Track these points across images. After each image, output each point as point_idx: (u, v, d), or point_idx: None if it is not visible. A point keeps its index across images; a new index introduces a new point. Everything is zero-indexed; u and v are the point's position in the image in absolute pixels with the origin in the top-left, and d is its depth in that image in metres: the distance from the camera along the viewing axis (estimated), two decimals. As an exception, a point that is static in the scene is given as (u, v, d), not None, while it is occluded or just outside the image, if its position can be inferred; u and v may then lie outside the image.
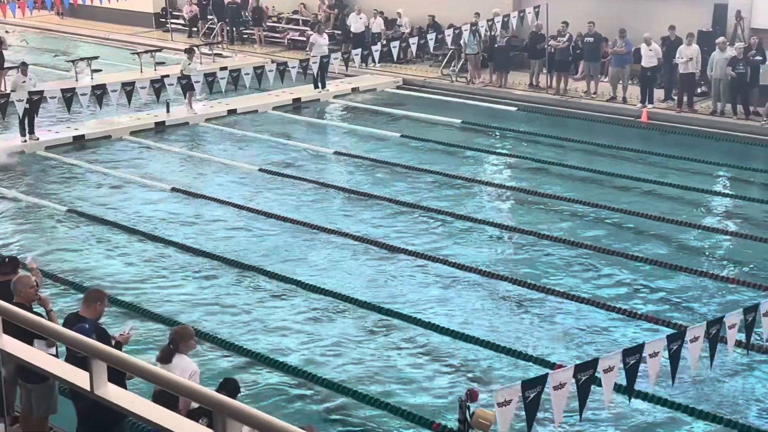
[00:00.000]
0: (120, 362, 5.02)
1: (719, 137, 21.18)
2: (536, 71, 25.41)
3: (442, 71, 27.42)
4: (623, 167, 19.17)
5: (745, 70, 21.59)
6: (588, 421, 9.96)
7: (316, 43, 26.05)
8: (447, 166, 19.36)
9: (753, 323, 9.77)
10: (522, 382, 7.96)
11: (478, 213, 16.67)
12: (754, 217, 16.52)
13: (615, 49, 23.55)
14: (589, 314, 12.73)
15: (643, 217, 16.17)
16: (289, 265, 14.47)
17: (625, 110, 23.27)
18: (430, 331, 12.23)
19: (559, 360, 11.18)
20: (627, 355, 8.67)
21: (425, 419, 10.12)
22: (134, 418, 5.27)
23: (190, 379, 7.66)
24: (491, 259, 14.71)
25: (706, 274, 13.84)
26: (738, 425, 10.00)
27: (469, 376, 11.21)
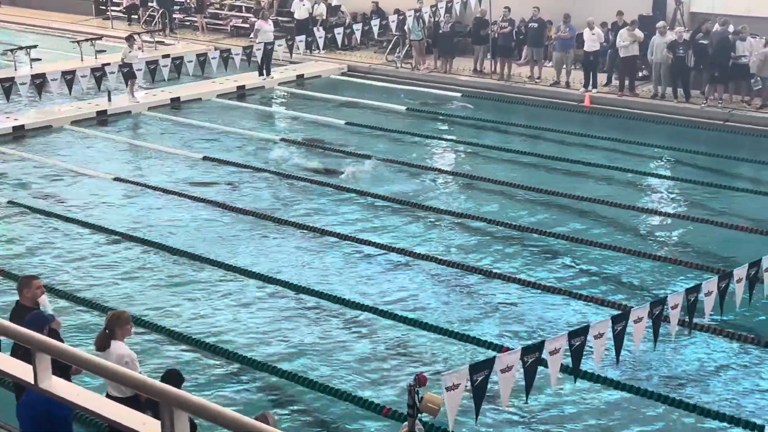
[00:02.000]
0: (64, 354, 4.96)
1: (660, 120, 21.47)
2: (480, 57, 25.50)
3: (387, 57, 27.41)
4: (567, 151, 19.37)
5: (685, 53, 21.90)
6: (535, 402, 10.07)
7: (261, 30, 25.87)
8: (392, 153, 19.38)
9: (695, 303, 9.97)
10: (470, 366, 8.04)
11: (424, 199, 16.71)
12: (695, 198, 16.79)
13: (559, 34, 23.72)
14: (534, 297, 12.86)
15: (587, 201, 16.36)
16: (235, 253, 14.39)
17: (568, 95, 23.49)
18: (377, 317, 12.26)
19: (507, 343, 11.27)
20: (572, 336, 8.80)
21: (376, 405, 10.15)
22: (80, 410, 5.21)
23: (126, 366, 7.59)
24: (438, 244, 14.77)
25: (649, 255, 14.04)
26: (681, 403, 10.17)
27: (417, 361, 11.26)
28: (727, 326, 11.69)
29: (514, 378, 8.33)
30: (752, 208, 16.06)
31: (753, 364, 11.10)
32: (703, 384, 10.74)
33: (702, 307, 10.18)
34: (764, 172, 18.34)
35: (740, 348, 11.40)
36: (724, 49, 21.55)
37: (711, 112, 21.52)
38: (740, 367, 11.05)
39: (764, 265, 10.61)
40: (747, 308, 11.33)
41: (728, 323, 11.72)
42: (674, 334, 10.41)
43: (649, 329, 9.80)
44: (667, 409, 10.15)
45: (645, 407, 10.23)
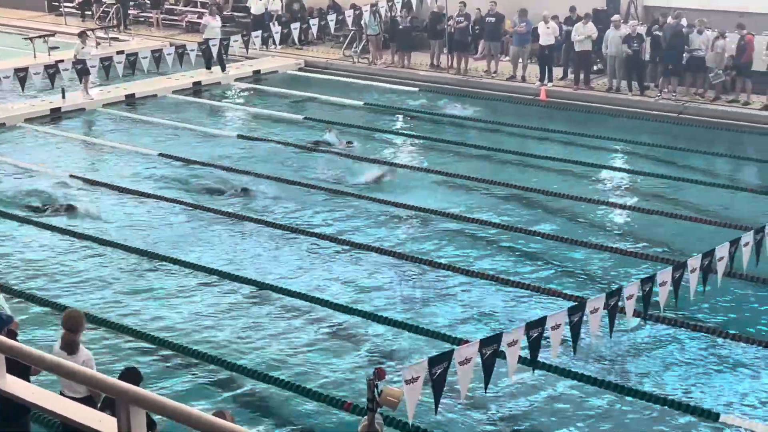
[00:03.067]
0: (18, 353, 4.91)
1: (615, 113, 21.68)
2: (436, 51, 25.57)
3: (344, 52, 27.39)
4: (524, 145, 19.50)
5: (639, 47, 22.12)
6: (493, 393, 10.14)
7: (209, 25, 25.74)
8: (351, 148, 19.36)
9: (650, 293, 10.08)
10: (429, 359, 8.07)
11: (381, 193, 16.72)
12: (650, 190, 16.98)
13: (516, 29, 23.84)
14: (492, 289, 12.93)
15: (544, 193, 16.49)
16: (194, 250, 14.32)
17: (524, 89, 23.62)
18: (336, 312, 12.26)
19: (465, 335, 11.33)
20: (530, 328, 8.86)
21: (337, 399, 10.15)
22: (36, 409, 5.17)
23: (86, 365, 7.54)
24: (395, 238, 14.80)
25: (605, 247, 14.18)
26: (638, 393, 10.29)
27: (376, 354, 11.28)
28: (682, 316, 11.85)
29: (473, 370, 8.37)
30: (706, 200, 16.27)
31: (707, 353, 11.25)
32: (660, 373, 10.87)
33: (657, 297, 10.29)
34: (717, 163, 18.61)
35: (694, 337, 11.55)
36: (678, 42, 21.81)
37: (665, 105, 21.78)
38: (695, 356, 11.20)
39: (717, 255, 10.76)
40: (701, 298, 11.48)
41: (683, 313, 11.89)
42: (630, 325, 10.51)
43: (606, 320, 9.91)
44: (624, 399, 10.26)
45: (602, 397, 10.34)
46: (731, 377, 10.74)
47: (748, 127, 20.44)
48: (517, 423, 10.00)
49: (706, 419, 9.85)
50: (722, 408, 10.06)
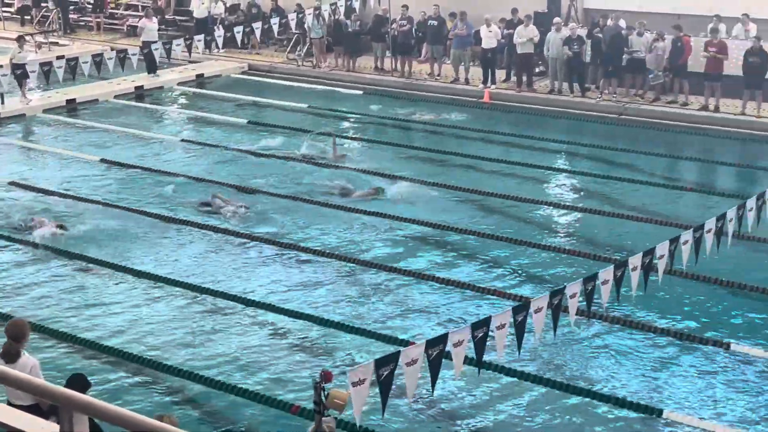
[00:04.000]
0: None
1: (557, 114, 21.92)
2: (380, 55, 25.64)
3: (288, 56, 27.35)
4: (468, 147, 19.62)
5: (580, 49, 22.40)
6: (440, 393, 10.20)
7: (146, 28, 25.54)
8: (295, 151, 19.33)
9: (592, 292, 10.21)
10: (375, 361, 8.08)
11: (327, 197, 16.72)
12: (592, 190, 17.20)
13: (456, 32, 24.00)
14: (437, 291, 13.00)
15: (487, 195, 16.61)
16: (137, 255, 14.18)
17: (468, 91, 23.79)
18: (282, 316, 12.23)
19: (411, 337, 11.37)
20: (475, 328, 8.92)
21: (284, 403, 10.13)
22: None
23: (33, 373, 7.45)
24: (341, 241, 14.81)
25: (548, 246, 14.33)
26: (584, 391, 10.41)
27: (323, 357, 11.28)
28: (625, 313, 12.03)
29: (419, 371, 8.41)
30: (646, 199, 16.53)
31: (649, 351, 11.42)
32: (603, 371, 11.01)
33: (599, 295, 10.43)
34: (657, 163, 18.90)
35: (637, 334, 11.72)
36: (618, 44, 22.13)
37: (606, 106, 22.08)
38: (637, 353, 11.36)
39: (658, 253, 10.93)
40: (642, 296, 11.66)
41: (625, 310, 12.06)
42: (573, 323, 10.63)
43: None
44: (569, 397, 10.37)
45: (546, 395, 10.44)
46: (674, 374, 10.91)
47: (686, 127, 20.79)
48: (463, 422, 10.06)
49: (650, 416, 9.99)
50: (665, 404, 10.22)
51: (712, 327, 11.92)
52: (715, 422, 9.90)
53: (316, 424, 7.97)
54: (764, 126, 20.34)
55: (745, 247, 13.65)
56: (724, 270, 12.97)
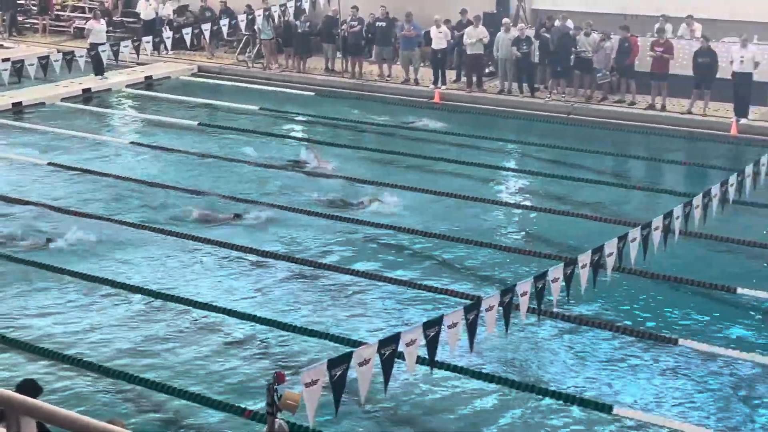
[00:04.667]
0: None
1: (507, 115, 22.07)
2: (331, 56, 25.63)
3: (238, 57, 27.23)
4: (419, 147, 19.68)
5: (529, 49, 22.59)
6: (393, 393, 10.23)
7: (93, 29, 25.29)
8: (245, 153, 19.26)
9: (543, 290, 10.30)
10: (327, 361, 8.08)
11: (277, 199, 16.67)
12: (542, 189, 17.35)
13: (403, 33, 24.07)
14: (388, 291, 13.02)
15: (439, 194, 16.68)
16: (86, 260, 14.02)
17: (419, 92, 23.87)
18: (230, 318, 12.16)
19: (362, 337, 11.38)
20: (427, 327, 8.96)
21: (237, 407, 10.07)
22: None
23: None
24: (290, 242, 14.77)
25: (499, 246, 14.42)
26: (535, 388, 10.50)
27: (275, 359, 11.25)
28: (574, 311, 12.15)
29: (372, 371, 8.42)
30: (595, 197, 16.71)
31: (599, 347, 11.55)
32: (554, 367, 11.12)
33: (550, 293, 10.52)
34: (606, 162, 19.14)
35: (586, 331, 11.85)
36: (566, 44, 22.36)
37: (555, 106, 22.29)
38: (587, 350, 11.49)
39: (606, 251, 11.05)
40: (592, 293, 11.79)
41: (575, 308, 12.19)
42: (524, 321, 10.72)
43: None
44: (521, 394, 10.46)
45: (498, 393, 10.52)
46: (623, 370, 11.05)
47: (634, 126, 21.06)
48: (416, 422, 10.10)
49: (600, 412, 10.10)
50: (615, 400, 10.33)
51: (661, 323, 12.09)
52: (664, 417, 10.04)
53: (269, 425, 7.95)
54: (710, 125, 20.67)
55: (692, 243, 13.86)
56: (671, 267, 13.16)
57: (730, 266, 13.84)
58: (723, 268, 13.72)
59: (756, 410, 10.25)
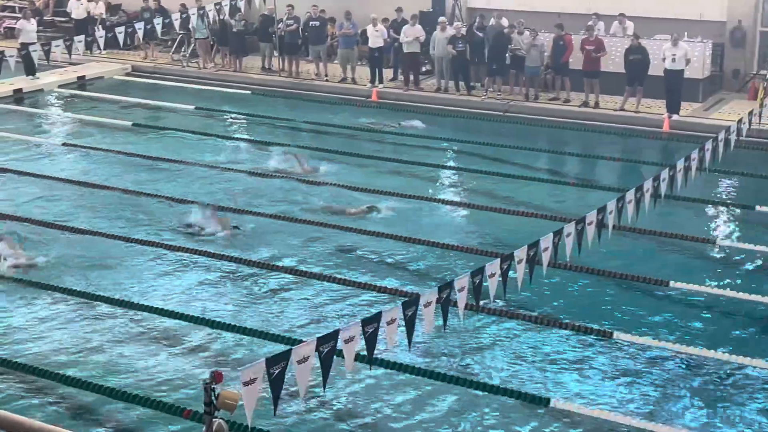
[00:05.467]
0: None
1: (445, 113, 22.18)
2: (267, 54, 25.52)
3: (172, 57, 26.97)
4: (357, 146, 19.69)
5: (465, 47, 22.73)
6: (332, 390, 10.23)
7: (24, 29, 24.86)
8: (182, 153, 19.10)
9: (480, 285, 10.37)
10: (266, 359, 8.04)
11: (213, 199, 16.54)
12: (480, 187, 17.45)
13: (343, 31, 24.06)
14: (325, 288, 13.02)
15: (375, 192, 16.69)
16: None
17: (356, 90, 23.88)
18: (166, 318, 12.06)
19: (301, 335, 11.36)
20: (366, 324, 8.96)
21: (175, 407, 9.98)
22: None
23: None
24: (223, 242, 14.67)
25: (437, 243, 14.46)
26: (473, 383, 10.58)
27: (212, 359, 11.17)
28: (511, 306, 12.26)
29: (311, 368, 8.40)
30: (531, 194, 16.87)
31: (537, 342, 11.68)
32: (493, 362, 11.21)
33: (487, 288, 10.60)
34: (540, 159, 19.35)
35: (524, 326, 11.98)
36: (500, 42, 22.54)
37: (491, 104, 22.46)
38: (525, 345, 11.61)
39: (542, 246, 11.17)
40: (528, 288, 11.91)
41: (511, 303, 12.30)
42: (462, 317, 10.77)
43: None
44: (460, 390, 10.52)
45: (438, 388, 10.57)
46: (560, 364, 11.18)
47: (569, 123, 21.31)
48: (356, 419, 10.11)
49: (537, 405, 10.21)
50: (552, 394, 10.46)
51: (596, 317, 12.25)
52: (600, 409, 10.17)
53: (207, 425, 7.90)
54: (642, 121, 21.01)
55: (625, 238, 14.08)
56: (605, 261, 13.35)
57: (662, 260, 14.09)
58: (656, 261, 13.97)
59: (689, 401, 10.44)
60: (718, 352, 11.22)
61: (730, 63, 22.93)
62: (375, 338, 9.06)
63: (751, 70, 22.75)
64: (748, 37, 22.69)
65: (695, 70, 21.52)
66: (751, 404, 10.35)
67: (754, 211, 15.89)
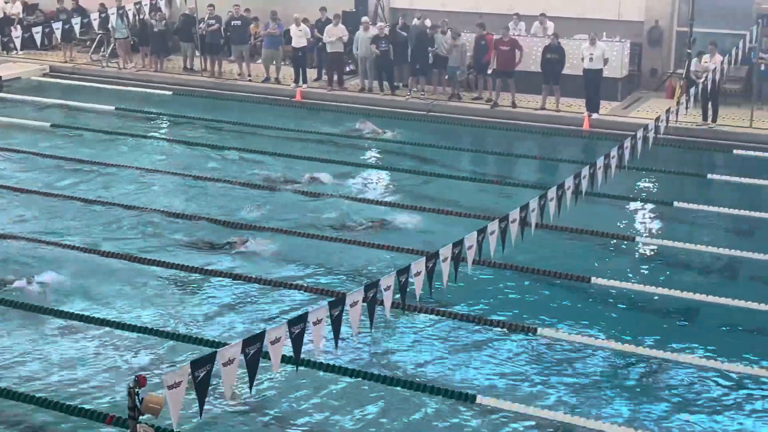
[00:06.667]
0: None
1: (369, 113, 22.19)
2: (189, 54, 25.26)
3: (92, 57, 26.52)
4: (281, 146, 19.61)
5: (388, 47, 22.79)
6: (259, 392, 10.18)
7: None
8: (102, 154, 18.80)
9: (406, 284, 10.40)
10: (191, 362, 7.95)
11: (135, 200, 16.33)
12: (404, 186, 17.48)
13: (268, 31, 23.93)
14: (246, 290, 12.96)
15: (297, 193, 16.65)
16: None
17: (280, 90, 23.78)
18: (86, 324, 11.87)
19: (227, 338, 11.28)
20: (292, 325, 8.92)
21: (99, 413, 9.82)
22: None
23: None
24: (144, 244, 14.49)
25: (364, 243, 14.46)
26: (399, 381, 10.62)
27: (136, 363, 11.02)
28: (437, 304, 12.34)
29: (237, 370, 8.34)
30: (455, 193, 16.98)
31: (462, 338, 11.77)
32: (419, 360, 11.27)
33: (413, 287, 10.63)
34: (463, 158, 19.49)
35: (449, 323, 12.06)
36: (423, 42, 22.66)
37: (415, 104, 22.57)
38: (451, 342, 11.69)
39: (466, 244, 11.25)
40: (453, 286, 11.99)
41: (438, 301, 12.38)
42: (388, 315, 10.81)
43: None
44: (386, 388, 10.56)
45: (365, 388, 10.59)
46: (485, 360, 11.28)
47: (491, 122, 21.51)
48: (282, 421, 10.06)
49: (464, 402, 10.29)
50: (478, 390, 10.55)
51: (520, 313, 12.40)
52: (525, 405, 10.28)
53: (132, 430, 7.79)
54: (563, 120, 21.32)
55: (548, 235, 14.25)
56: (528, 258, 13.51)
57: (584, 256, 14.32)
58: (578, 258, 14.19)
59: (612, 395, 10.62)
60: (640, 346, 11.45)
61: (647, 62, 23.42)
62: (301, 339, 9.02)
63: (668, 69, 23.28)
64: (665, 36, 23.21)
65: (614, 69, 21.93)
66: (671, 398, 10.57)
67: (672, 207, 16.25)
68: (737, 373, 10.89)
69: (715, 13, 22.35)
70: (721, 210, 15.98)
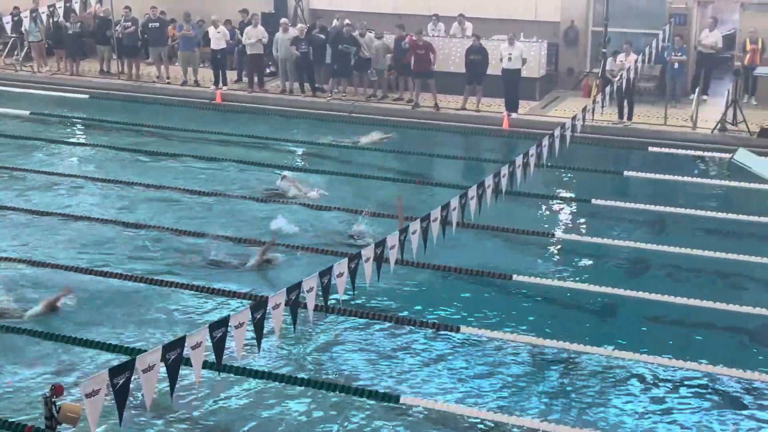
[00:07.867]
0: None
1: (291, 114, 22.13)
2: (106, 57, 24.88)
3: (4, 61, 25.95)
4: (201, 149, 19.43)
5: (308, 49, 22.75)
6: (181, 398, 10.06)
7: None
8: (16, 160, 18.39)
9: (329, 285, 10.38)
10: (109, 370, 7.81)
11: (52, 206, 16.01)
12: (327, 187, 17.45)
13: (182, 32, 23.69)
14: (171, 295, 12.80)
15: (223, 196, 16.53)
16: None
17: (199, 93, 23.56)
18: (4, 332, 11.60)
19: (145, 345, 11.13)
20: (213, 329, 8.83)
21: (17, 425, 9.58)
22: None
23: None
24: (70, 251, 14.23)
25: (284, 245, 14.42)
26: (324, 384, 10.58)
27: (52, 371, 10.79)
28: (360, 305, 12.35)
29: (157, 377, 8.22)
30: (377, 194, 16.99)
31: (386, 339, 11.78)
32: (342, 362, 11.25)
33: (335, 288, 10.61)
34: (386, 159, 19.52)
35: (374, 324, 12.06)
36: (344, 43, 22.64)
37: (336, 105, 22.56)
38: (375, 343, 11.70)
39: (389, 243, 11.27)
40: (376, 286, 12.01)
41: (360, 302, 12.39)
42: (311, 318, 10.77)
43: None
44: (312, 391, 10.50)
45: (290, 392, 10.52)
46: (408, 360, 11.31)
47: (413, 123, 21.62)
48: (205, 426, 9.96)
49: (388, 402, 10.30)
50: (401, 391, 10.57)
51: (443, 311, 12.47)
52: (449, 403, 10.34)
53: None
54: (483, 120, 21.53)
55: (469, 234, 14.37)
56: (450, 257, 13.60)
57: (505, 254, 14.47)
58: (498, 256, 14.33)
59: (536, 391, 10.72)
60: (561, 342, 11.59)
61: (564, 62, 23.80)
62: (223, 343, 8.94)
63: (584, 68, 23.68)
64: (581, 36, 23.60)
65: (532, 69, 22.22)
66: (590, 391, 10.73)
67: (590, 204, 16.52)
68: (655, 365, 11.11)
69: (629, 13, 22.81)
70: (638, 206, 16.30)
